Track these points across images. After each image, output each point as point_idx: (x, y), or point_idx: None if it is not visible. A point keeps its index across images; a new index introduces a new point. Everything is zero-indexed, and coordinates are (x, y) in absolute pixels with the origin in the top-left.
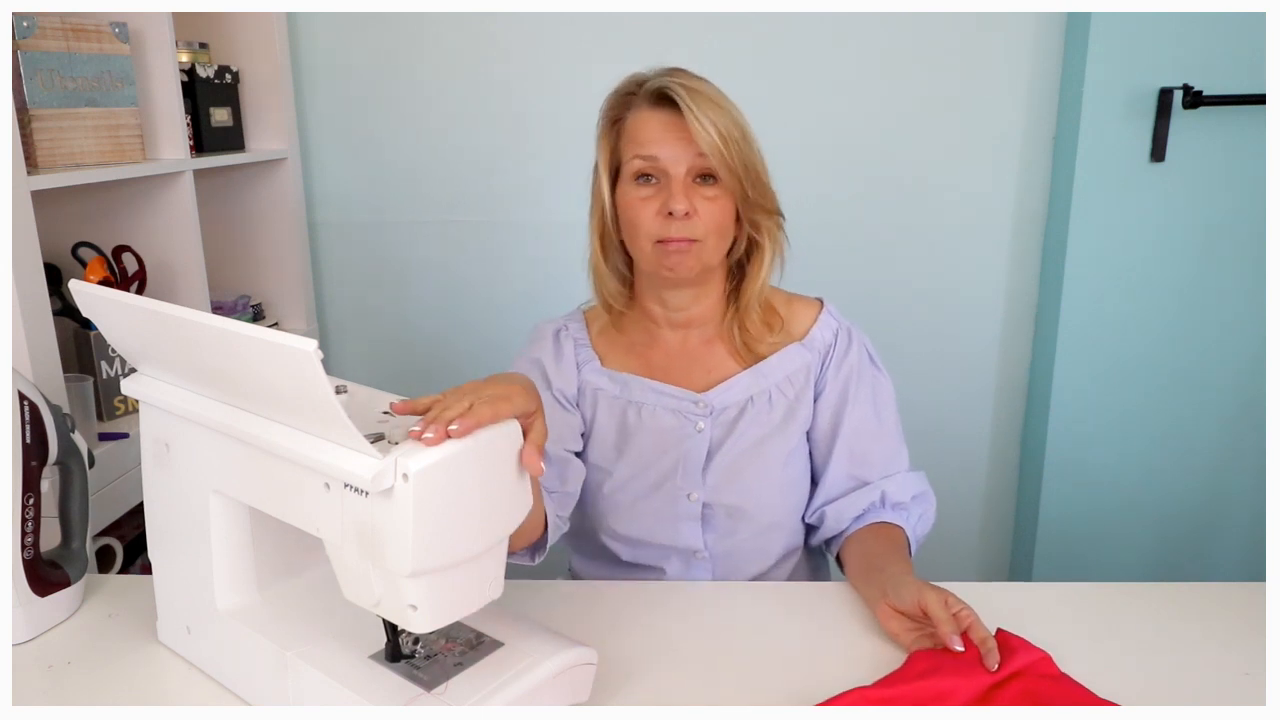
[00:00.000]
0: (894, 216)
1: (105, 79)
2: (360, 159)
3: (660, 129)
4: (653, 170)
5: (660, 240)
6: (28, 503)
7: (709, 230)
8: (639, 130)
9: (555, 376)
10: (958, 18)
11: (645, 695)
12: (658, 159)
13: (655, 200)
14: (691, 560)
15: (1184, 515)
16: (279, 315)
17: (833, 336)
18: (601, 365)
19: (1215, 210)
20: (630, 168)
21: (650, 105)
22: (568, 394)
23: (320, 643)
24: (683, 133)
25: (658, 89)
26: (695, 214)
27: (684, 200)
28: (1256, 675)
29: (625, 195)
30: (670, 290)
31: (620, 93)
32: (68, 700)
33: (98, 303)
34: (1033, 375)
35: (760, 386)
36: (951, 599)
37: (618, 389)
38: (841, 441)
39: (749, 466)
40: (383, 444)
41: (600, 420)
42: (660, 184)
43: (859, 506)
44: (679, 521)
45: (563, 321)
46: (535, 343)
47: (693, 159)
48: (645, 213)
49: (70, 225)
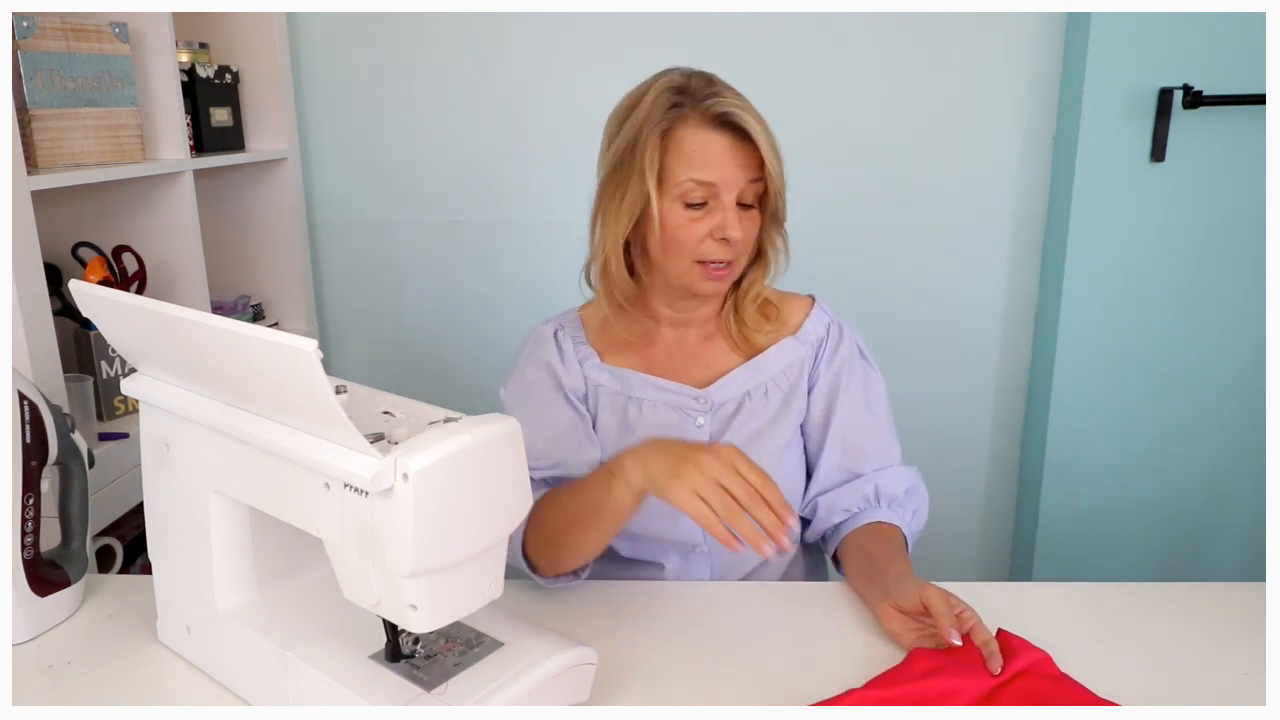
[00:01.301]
0: (894, 216)
1: (105, 79)
2: (360, 159)
3: (721, 152)
4: (707, 195)
5: (702, 261)
6: (28, 503)
7: (743, 251)
8: (698, 151)
9: (565, 377)
10: (958, 18)
11: (645, 695)
12: (715, 185)
13: (705, 222)
14: (691, 555)
15: (1184, 515)
16: (279, 315)
17: (825, 330)
18: (600, 361)
19: (1215, 210)
20: (682, 187)
21: (709, 126)
22: (578, 393)
23: (320, 643)
24: (740, 157)
25: (722, 113)
26: (740, 238)
27: (739, 227)
28: (1256, 675)
29: (672, 212)
30: (688, 299)
31: (664, 102)
32: (68, 700)
33: (98, 303)
34: (1033, 375)
35: (757, 380)
36: (955, 599)
37: (618, 385)
38: (833, 432)
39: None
40: (383, 444)
41: (602, 416)
42: (710, 207)
43: (852, 499)
44: (679, 515)
45: (558, 321)
46: (538, 346)
47: (744, 185)
48: (694, 233)
49: (70, 225)
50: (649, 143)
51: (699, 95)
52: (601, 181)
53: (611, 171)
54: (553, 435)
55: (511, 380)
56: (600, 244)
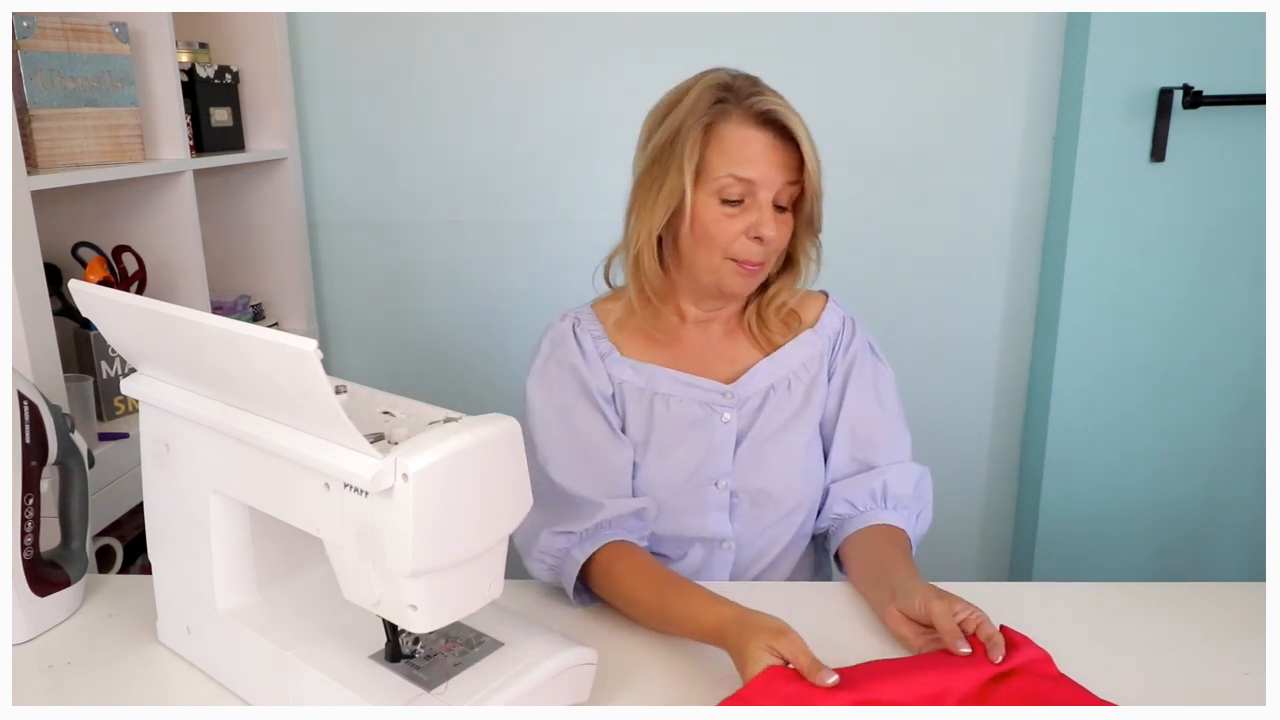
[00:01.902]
0: (894, 216)
1: (105, 79)
2: (360, 159)
3: (762, 150)
4: (744, 192)
5: (734, 258)
6: (28, 503)
7: (774, 252)
8: (739, 147)
9: (590, 378)
10: (958, 18)
11: (645, 695)
12: (754, 182)
13: (740, 220)
14: (716, 549)
15: (1184, 515)
16: (279, 315)
17: (840, 324)
18: (620, 355)
19: (1215, 210)
20: (720, 183)
21: (752, 123)
22: (604, 393)
23: (320, 643)
24: (780, 158)
25: (765, 111)
26: (774, 238)
27: (774, 226)
28: (1256, 675)
29: (707, 207)
30: (715, 298)
31: (709, 98)
32: (68, 700)
33: (98, 303)
34: (1033, 375)
35: (780, 374)
36: (960, 605)
37: (643, 380)
38: (843, 423)
39: (773, 452)
40: (383, 444)
41: (630, 413)
42: (746, 205)
43: (859, 494)
44: (708, 511)
45: (574, 315)
46: (558, 345)
47: (781, 186)
48: (729, 229)
49: (70, 225)
50: (690, 135)
51: (744, 93)
52: (639, 175)
53: (650, 164)
54: (584, 451)
55: (535, 375)
56: (634, 235)
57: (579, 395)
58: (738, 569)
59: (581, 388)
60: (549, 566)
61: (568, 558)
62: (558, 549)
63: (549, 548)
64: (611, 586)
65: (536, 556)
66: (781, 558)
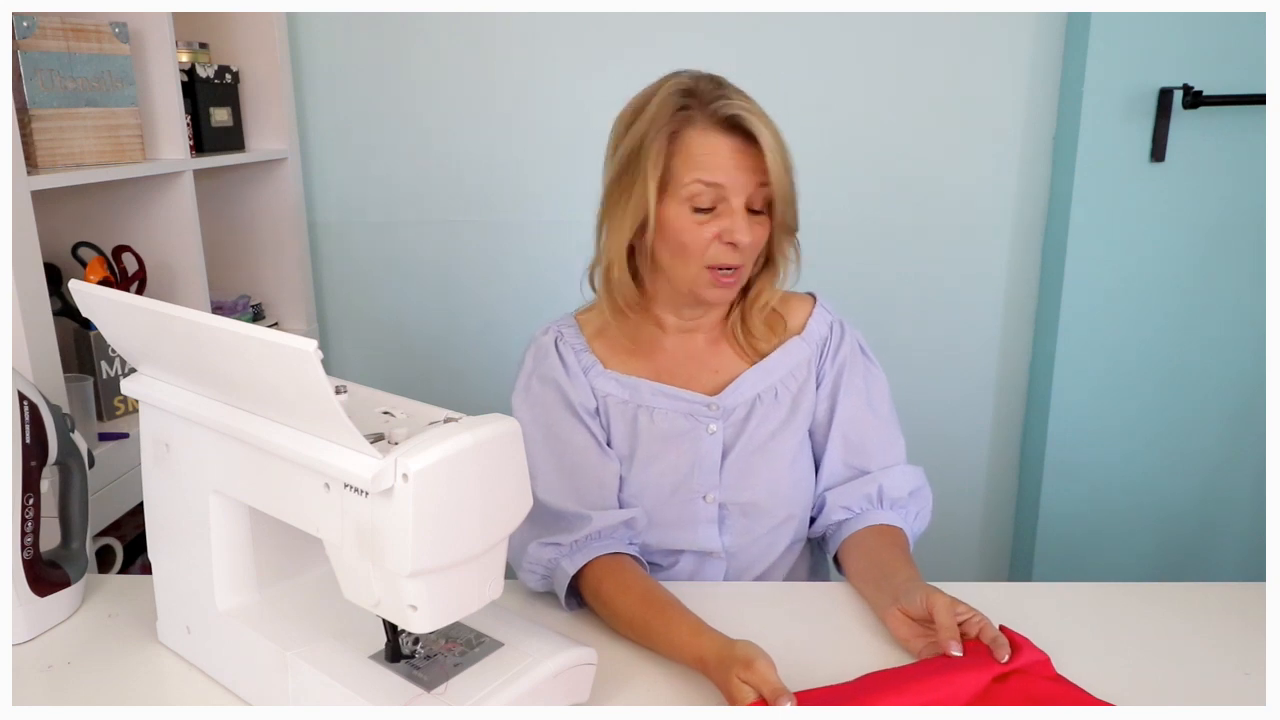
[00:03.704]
0: (894, 216)
1: (105, 79)
2: (360, 159)
3: (728, 156)
4: (715, 199)
5: (711, 266)
6: (28, 503)
7: (750, 256)
8: (706, 155)
9: (573, 393)
10: (958, 18)
11: (645, 695)
12: (723, 187)
13: (712, 226)
14: (707, 559)
15: (1184, 515)
16: (279, 315)
17: (828, 329)
18: (604, 368)
19: (1215, 210)
20: (689, 190)
21: (718, 129)
22: (588, 408)
23: (320, 643)
24: (749, 162)
25: (730, 116)
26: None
27: (747, 232)
28: (1256, 675)
29: (678, 216)
30: (694, 306)
31: (672, 105)
32: (68, 700)
33: (98, 303)
34: (1033, 375)
35: (767, 383)
36: (961, 606)
37: (626, 393)
38: (836, 429)
39: (762, 462)
40: (383, 444)
41: (614, 426)
42: (718, 210)
43: (856, 497)
44: (697, 524)
45: (556, 328)
46: (540, 359)
47: (753, 189)
48: (700, 237)
49: (70, 225)
50: (654, 145)
51: (707, 98)
52: (607, 185)
53: (617, 175)
54: (570, 467)
55: (519, 391)
56: (604, 248)
57: (563, 411)
58: (731, 577)
59: (565, 403)
60: (540, 576)
61: (557, 569)
62: (547, 560)
63: (538, 559)
64: (600, 605)
65: (527, 568)
66: (776, 565)
